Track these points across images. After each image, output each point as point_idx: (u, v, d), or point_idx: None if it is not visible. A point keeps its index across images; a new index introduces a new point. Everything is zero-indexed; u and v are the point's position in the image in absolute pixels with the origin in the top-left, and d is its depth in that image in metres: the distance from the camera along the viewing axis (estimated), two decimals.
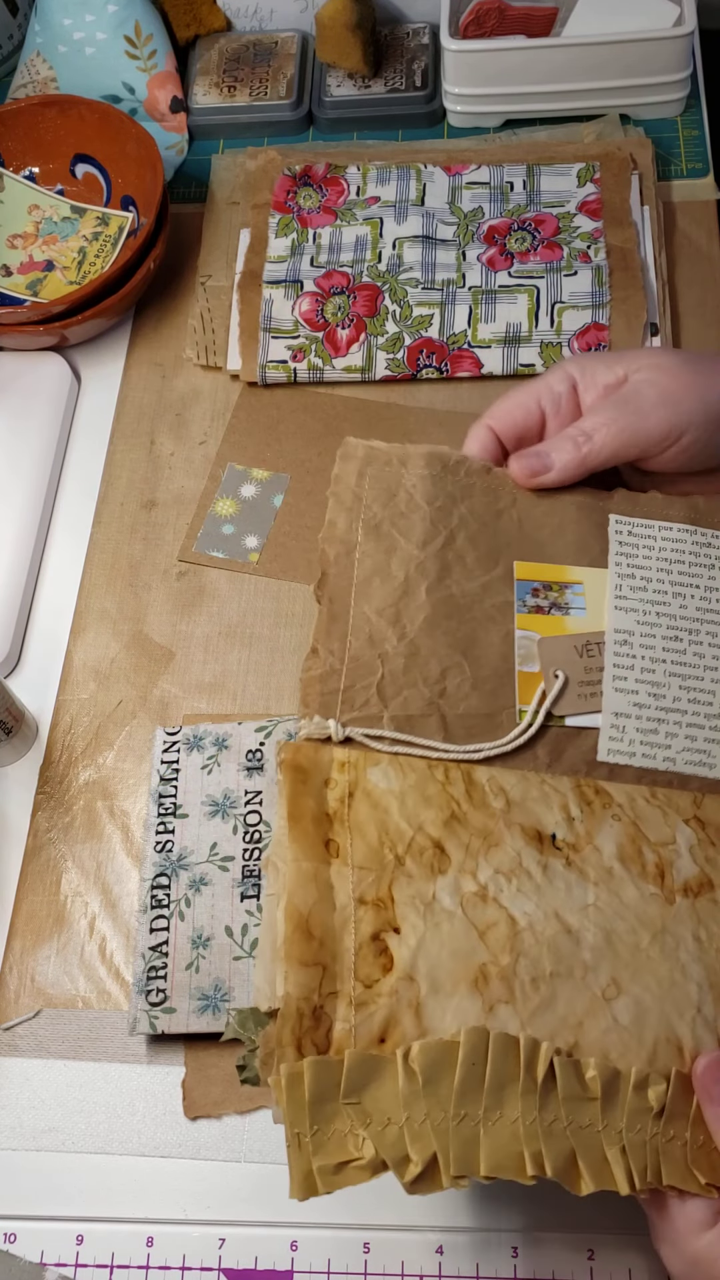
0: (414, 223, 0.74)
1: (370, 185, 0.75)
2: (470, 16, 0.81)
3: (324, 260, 0.73)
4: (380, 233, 0.74)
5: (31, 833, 0.62)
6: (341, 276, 0.72)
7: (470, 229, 0.73)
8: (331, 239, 0.74)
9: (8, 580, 0.68)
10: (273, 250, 0.75)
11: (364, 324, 0.70)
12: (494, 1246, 0.51)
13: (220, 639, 0.66)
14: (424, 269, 0.72)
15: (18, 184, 0.82)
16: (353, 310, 0.70)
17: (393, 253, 0.73)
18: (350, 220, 0.74)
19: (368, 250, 0.73)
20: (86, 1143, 0.54)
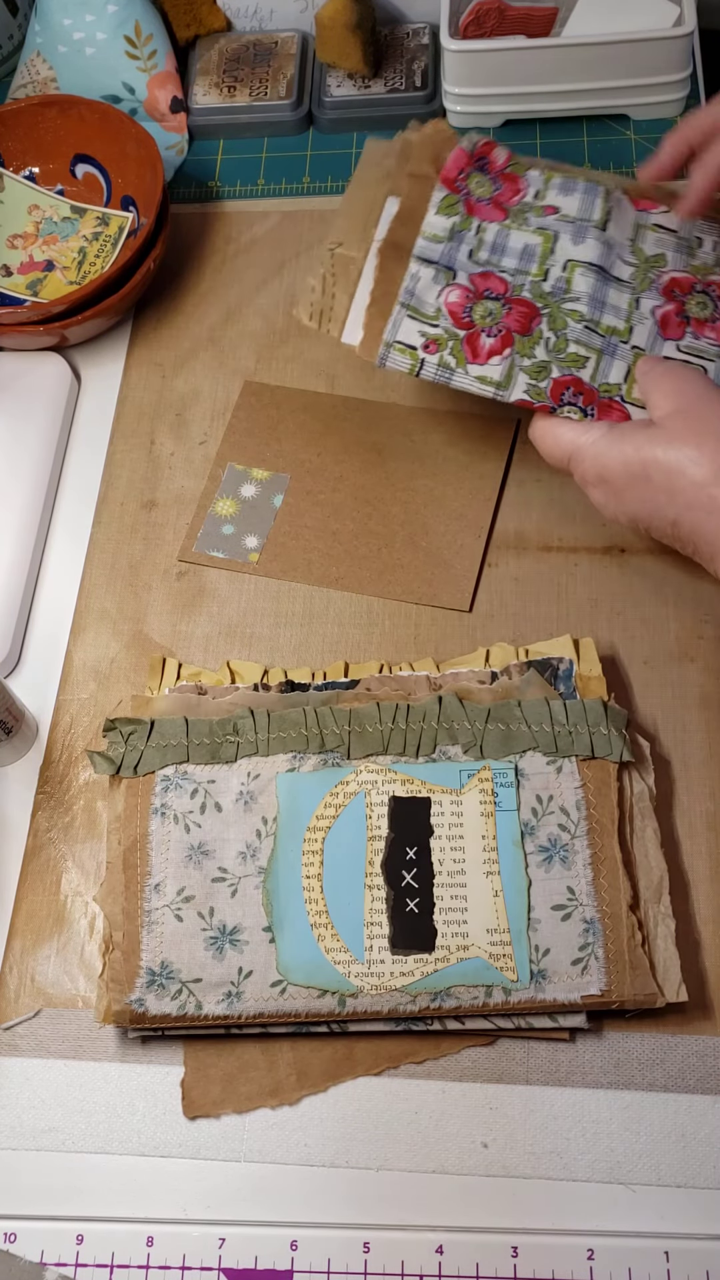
0: (592, 248, 0.62)
1: (551, 192, 0.64)
2: (470, 16, 0.81)
3: (484, 259, 0.63)
4: (552, 248, 0.63)
5: (31, 833, 0.62)
6: (499, 283, 0.62)
7: (649, 276, 0.63)
8: (497, 238, 0.63)
9: (8, 580, 0.68)
10: (430, 226, 0.64)
11: (512, 339, 0.61)
12: (494, 1246, 0.51)
13: (220, 639, 0.66)
14: (592, 304, 0.61)
15: (18, 184, 0.82)
16: (504, 321, 0.61)
17: (561, 274, 0.62)
18: (522, 224, 0.64)
19: (534, 263, 0.63)
20: (86, 1143, 0.54)
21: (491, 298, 0.62)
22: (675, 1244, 0.51)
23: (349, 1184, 0.53)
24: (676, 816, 0.59)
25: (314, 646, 0.66)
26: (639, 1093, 0.53)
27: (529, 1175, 0.52)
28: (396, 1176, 0.53)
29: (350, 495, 0.70)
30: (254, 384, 0.75)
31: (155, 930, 0.55)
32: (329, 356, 0.75)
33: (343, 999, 0.53)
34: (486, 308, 0.61)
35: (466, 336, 0.61)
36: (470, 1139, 0.53)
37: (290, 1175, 0.53)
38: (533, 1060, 0.54)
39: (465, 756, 0.58)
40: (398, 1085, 0.54)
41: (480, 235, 0.63)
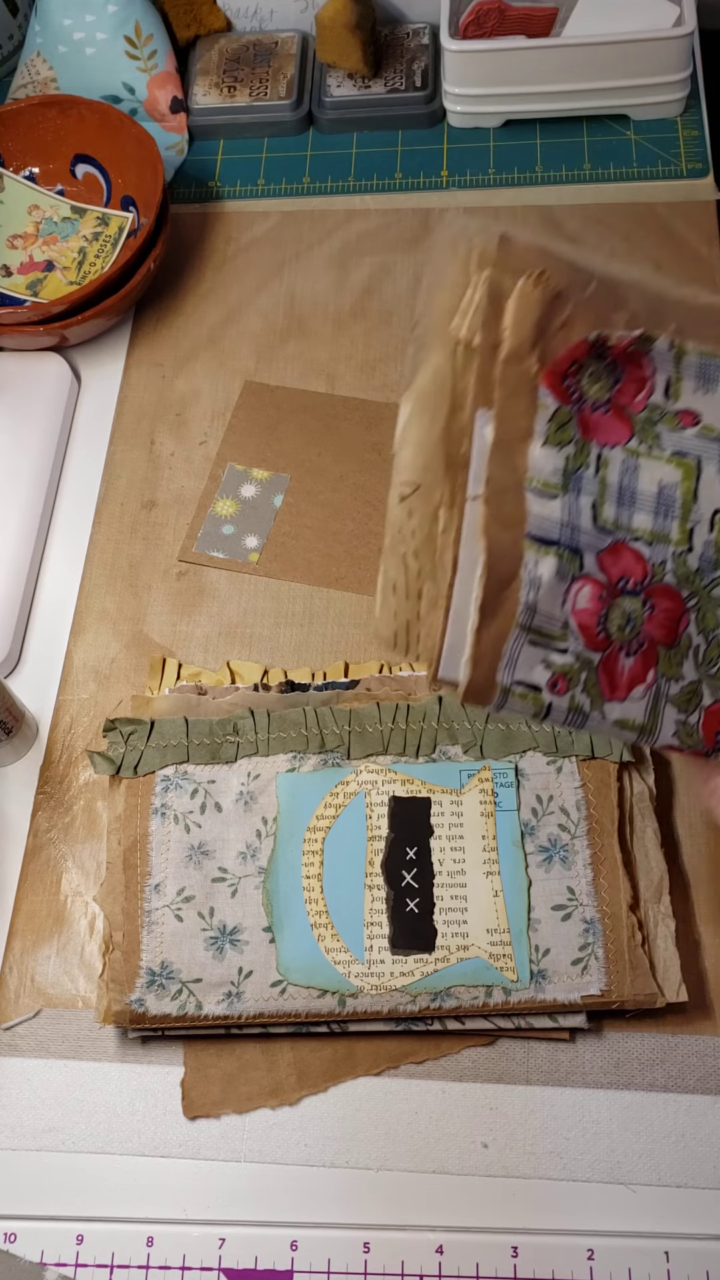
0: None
1: (687, 382, 0.44)
2: (470, 17, 0.81)
3: (611, 518, 0.44)
4: (695, 490, 0.44)
5: (31, 833, 0.62)
6: (635, 562, 0.44)
7: None
8: (624, 477, 0.44)
9: (8, 580, 0.68)
10: (538, 470, 0.43)
11: (655, 656, 0.44)
12: (494, 1246, 0.51)
13: (220, 639, 0.66)
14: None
15: (18, 184, 0.82)
16: (645, 631, 0.44)
17: (709, 536, 0.44)
18: (653, 446, 0.44)
19: (674, 519, 0.44)
20: (86, 1143, 0.54)
21: (629, 592, 0.44)
22: (675, 1244, 0.51)
23: (349, 1184, 0.53)
24: (676, 816, 0.59)
25: (314, 646, 0.66)
26: (639, 1093, 0.53)
27: (529, 1175, 0.52)
28: (396, 1176, 0.53)
29: (350, 495, 0.70)
30: (254, 384, 0.75)
31: (155, 930, 0.55)
32: (329, 356, 0.75)
33: (343, 999, 0.53)
34: (624, 610, 0.44)
35: (602, 661, 0.44)
36: (470, 1139, 0.53)
37: (290, 1175, 0.53)
38: (533, 1060, 0.54)
39: (465, 756, 0.58)
40: (398, 1085, 0.54)
41: (602, 475, 0.44)
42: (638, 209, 0.79)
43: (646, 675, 0.44)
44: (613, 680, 0.44)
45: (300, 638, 0.66)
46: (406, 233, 0.80)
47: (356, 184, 0.83)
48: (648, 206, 0.79)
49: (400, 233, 0.80)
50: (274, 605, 0.67)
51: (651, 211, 0.78)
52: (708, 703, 0.45)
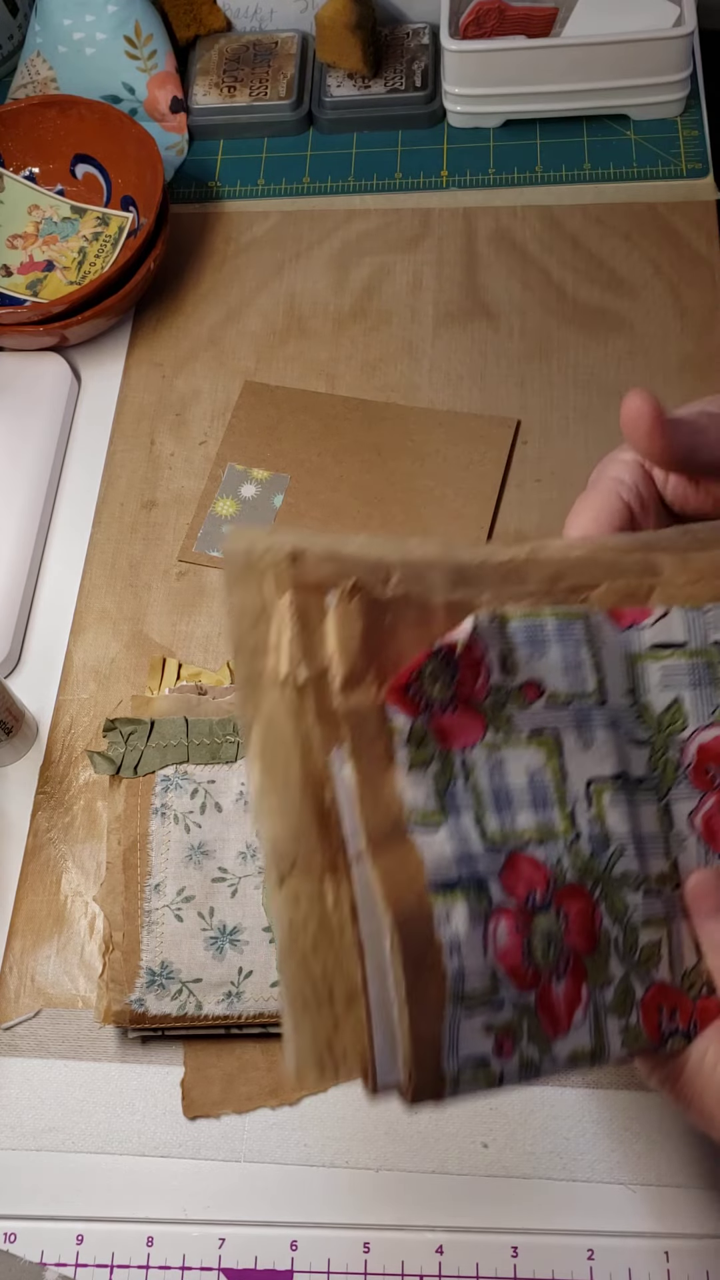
0: (605, 743, 0.42)
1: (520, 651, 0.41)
2: (470, 17, 0.81)
3: (495, 829, 0.40)
4: (562, 768, 0.42)
5: (31, 833, 0.62)
6: (534, 870, 0.41)
7: (670, 753, 0.43)
8: (492, 776, 0.41)
9: (8, 580, 0.68)
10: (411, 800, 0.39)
11: (583, 968, 0.41)
12: (494, 1246, 0.51)
13: (220, 639, 0.66)
14: (638, 851, 0.42)
15: (18, 184, 0.82)
16: (567, 944, 0.40)
17: (590, 813, 0.42)
18: (509, 734, 0.41)
19: (553, 807, 0.41)
20: (86, 1143, 0.54)
21: (539, 907, 0.40)
22: (675, 1244, 0.51)
23: (349, 1184, 0.53)
24: None
25: None
26: (639, 1093, 0.53)
27: (529, 1175, 0.52)
28: (396, 1176, 0.53)
29: (350, 495, 0.70)
30: (254, 384, 0.75)
31: (155, 930, 0.55)
32: (329, 356, 0.75)
33: None
34: (543, 932, 0.40)
35: (538, 998, 0.39)
36: (470, 1139, 0.53)
37: (290, 1175, 0.53)
38: None
39: None
40: None
41: (473, 783, 0.40)
42: (638, 209, 0.79)
43: (581, 993, 0.40)
44: (553, 1015, 0.40)
45: None
46: (406, 233, 0.80)
47: (356, 184, 0.83)
48: (648, 206, 0.79)
49: (400, 233, 0.80)
50: None
51: (652, 211, 0.78)
52: (640, 995, 0.42)
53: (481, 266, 0.78)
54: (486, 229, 0.79)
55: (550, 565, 0.42)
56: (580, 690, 0.42)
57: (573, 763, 0.42)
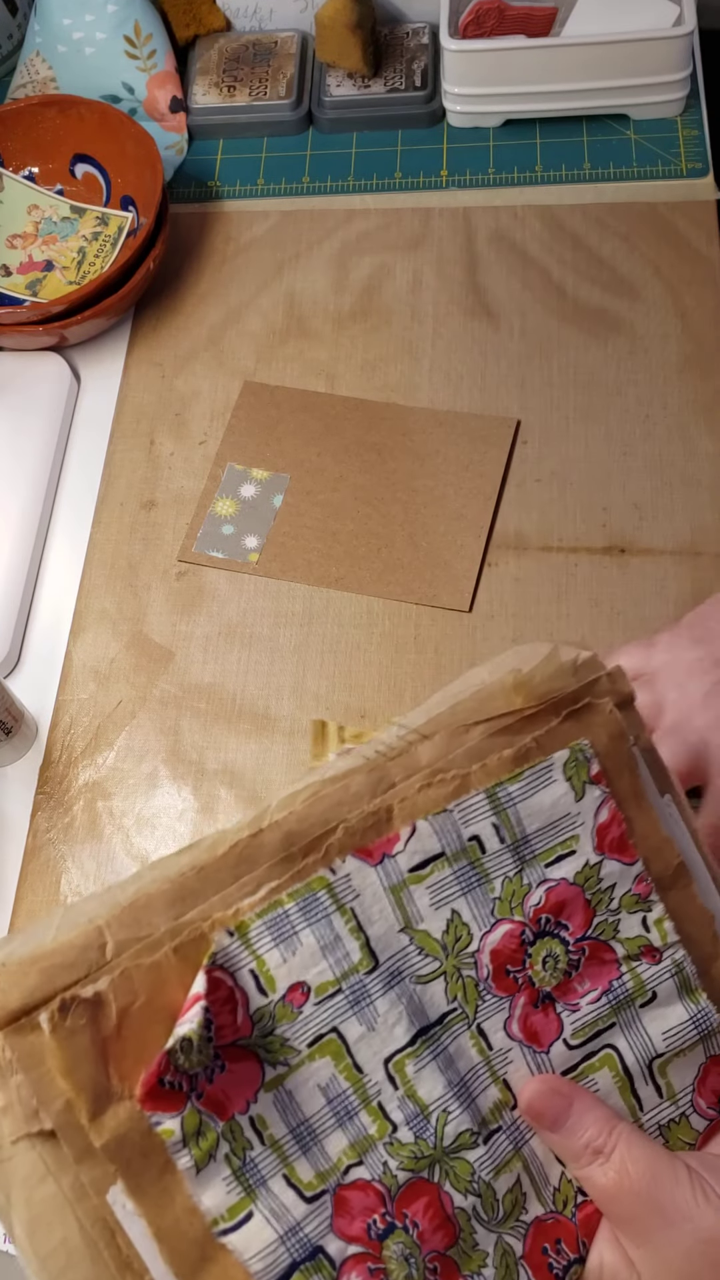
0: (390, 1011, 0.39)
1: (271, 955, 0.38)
2: (470, 16, 0.81)
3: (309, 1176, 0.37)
4: (354, 1063, 0.39)
5: (31, 833, 0.62)
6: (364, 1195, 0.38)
7: (464, 972, 0.40)
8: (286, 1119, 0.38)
9: (8, 580, 0.68)
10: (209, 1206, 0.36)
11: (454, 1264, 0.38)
12: None
13: (220, 639, 0.66)
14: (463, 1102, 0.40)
15: (17, 184, 0.82)
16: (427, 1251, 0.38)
17: (399, 1094, 0.39)
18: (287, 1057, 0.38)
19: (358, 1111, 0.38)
20: None
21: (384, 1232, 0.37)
22: None
23: None
24: None
25: (314, 646, 0.66)
26: None
27: None
28: None
29: (350, 495, 0.70)
30: (254, 384, 0.75)
31: None
32: (329, 356, 0.75)
33: None
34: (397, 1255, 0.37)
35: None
36: None
37: None
38: None
39: None
40: None
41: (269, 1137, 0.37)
42: (638, 209, 0.79)
43: None
44: None
45: (300, 638, 0.66)
46: (406, 232, 0.80)
47: (356, 184, 0.83)
48: (648, 206, 0.79)
49: (400, 233, 0.80)
50: (273, 605, 0.67)
51: (652, 211, 0.78)
52: (521, 1251, 0.39)
53: (481, 266, 0.78)
54: (486, 229, 0.79)
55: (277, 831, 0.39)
56: (346, 967, 0.39)
57: (363, 1052, 0.39)
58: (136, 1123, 0.35)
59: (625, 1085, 0.42)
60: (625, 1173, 0.38)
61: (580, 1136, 0.39)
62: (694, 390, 0.71)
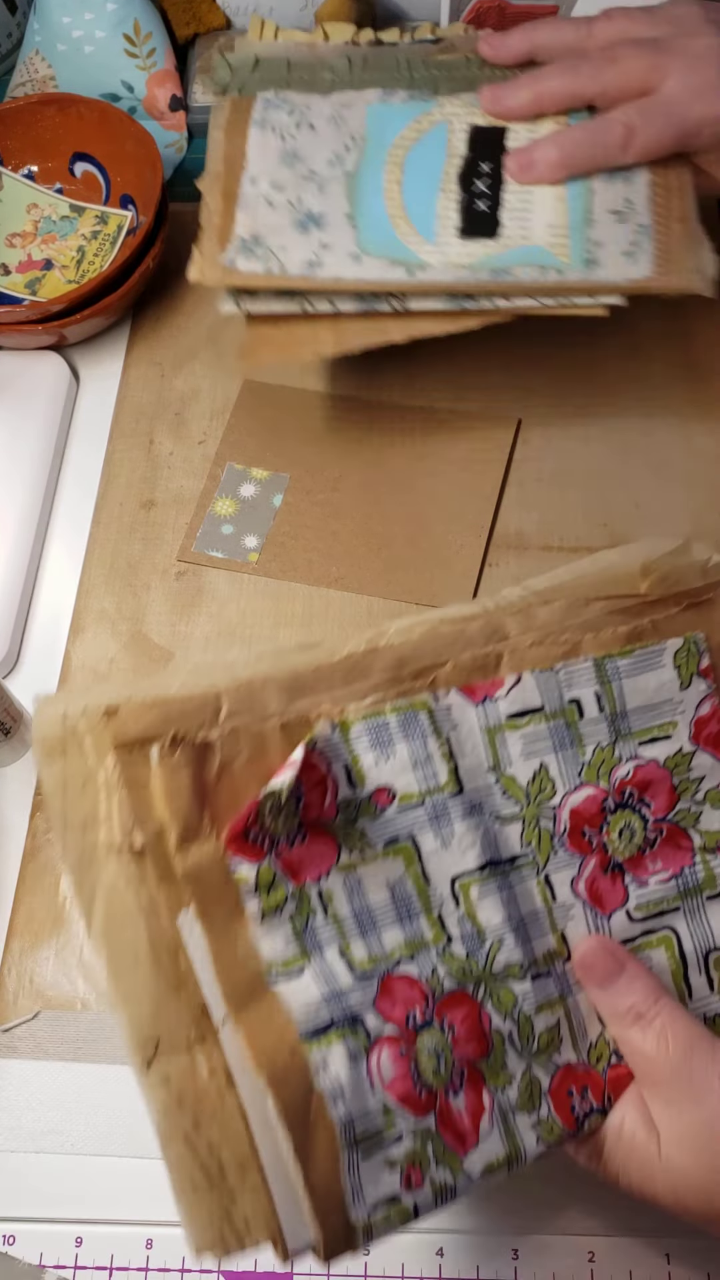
0: (465, 835, 0.41)
1: (365, 757, 0.41)
2: (470, 16, 0.81)
3: (363, 957, 0.40)
4: (423, 871, 0.41)
5: (31, 833, 0.62)
6: (409, 988, 0.40)
7: (542, 822, 0.42)
8: (352, 900, 0.40)
9: (6, 580, 0.68)
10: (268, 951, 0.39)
11: (480, 1074, 0.40)
12: (494, 1248, 0.51)
13: (220, 639, 0.66)
14: (518, 937, 0.42)
15: (16, 182, 0.82)
16: (457, 1056, 0.40)
17: (459, 912, 0.41)
18: (364, 850, 0.40)
19: (419, 916, 0.41)
20: (86, 1144, 0.54)
21: (421, 1024, 0.40)
22: (676, 1245, 0.51)
23: None
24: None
25: None
26: None
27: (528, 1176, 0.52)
28: None
29: (350, 495, 0.70)
30: (254, 383, 0.75)
31: (249, 209, 0.61)
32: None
33: (411, 269, 0.59)
34: (430, 1049, 0.39)
35: (438, 1119, 0.39)
36: None
37: None
38: None
39: None
40: None
41: (333, 912, 0.40)
42: None
43: (483, 1101, 0.40)
44: (458, 1131, 0.39)
45: (300, 638, 0.66)
46: None
47: None
48: None
49: None
50: (273, 605, 0.67)
51: None
52: (547, 1085, 0.41)
53: None
54: None
55: (391, 653, 0.41)
56: (432, 785, 0.41)
57: (434, 864, 0.41)
58: (217, 862, 0.38)
59: (679, 970, 0.43)
60: (664, 1039, 0.40)
61: (626, 999, 0.41)
62: (694, 390, 0.71)
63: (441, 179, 0.62)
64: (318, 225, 0.61)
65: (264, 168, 0.63)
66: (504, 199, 0.61)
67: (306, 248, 0.61)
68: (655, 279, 0.58)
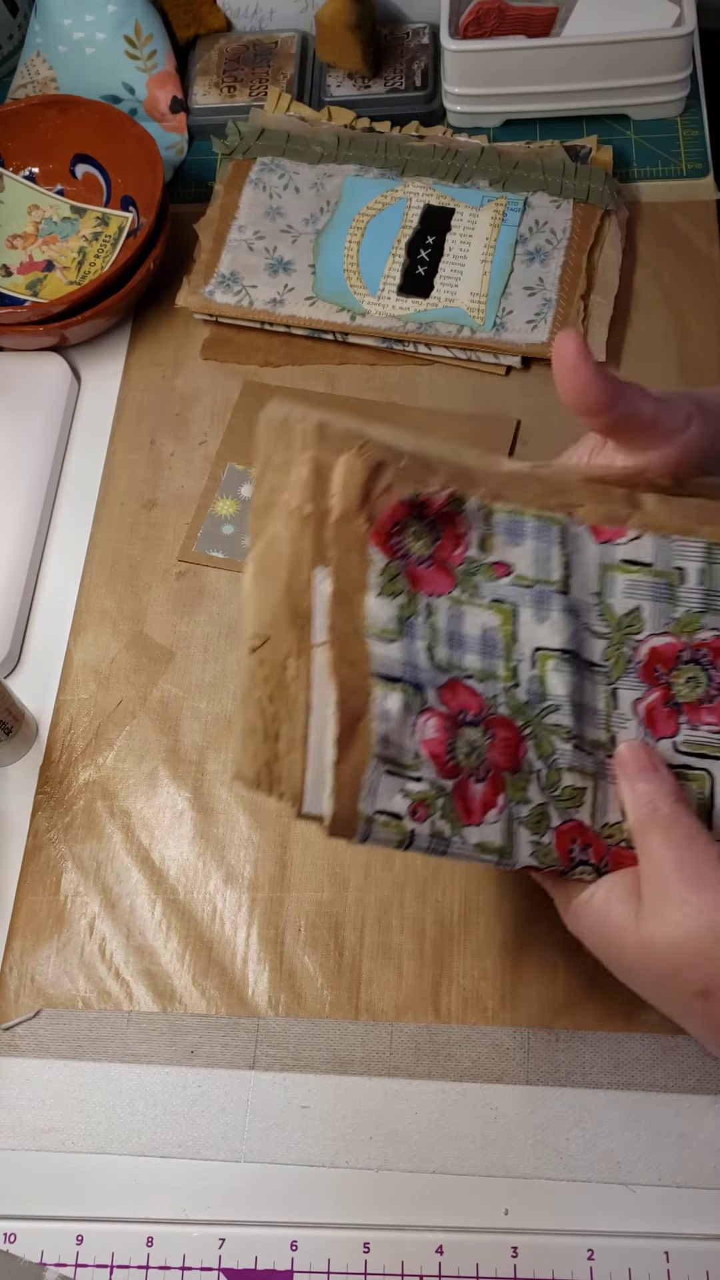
0: (558, 625, 0.48)
1: (499, 537, 0.49)
2: (470, 16, 0.81)
3: (444, 659, 0.47)
4: (515, 633, 0.48)
5: (31, 833, 0.62)
6: (470, 696, 0.47)
7: (624, 650, 0.48)
8: (450, 623, 0.48)
9: (8, 580, 0.68)
10: (375, 619, 0.46)
11: (502, 781, 0.47)
12: (494, 1246, 0.51)
13: (220, 639, 0.66)
14: (574, 712, 0.47)
15: (18, 184, 0.82)
16: (489, 758, 0.46)
17: (533, 672, 0.48)
18: (474, 596, 0.48)
19: (499, 659, 0.48)
20: (86, 1143, 0.54)
21: (469, 722, 0.47)
22: (675, 1244, 0.51)
23: (349, 1184, 0.53)
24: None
25: None
26: (639, 1093, 0.53)
27: (529, 1175, 0.52)
28: (396, 1176, 0.53)
29: None
30: (254, 384, 0.75)
31: (232, 254, 0.76)
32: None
33: (354, 315, 0.74)
34: (468, 740, 0.47)
35: (455, 787, 0.46)
36: (470, 1139, 0.53)
37: (290, 1175, 0.53)
38: (533, 1060, 0.54)
39: (491, 188, 0.77)
40: (398, 1085, 0.54)
41: (432, 622, 0.48)
42: (637, 209, 0.79)
43: (497, 800, 0.46)
44: (467, 805, 0.46)
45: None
46: None
47: None
48: (649, 206, 0.79)
49: None
50: None
51: (652, 211, 0.78)
52: (556, 823, 0.47)
53: None
54: None
55: (546, 482, 0.49)
56: (545, 577, 0.48)
57: (525, 631, 0.48)
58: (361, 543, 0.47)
59: (706, 806, 0.47)
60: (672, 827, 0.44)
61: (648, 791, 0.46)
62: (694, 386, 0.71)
63: (393, 244, 0.76)
64: (286, 271, 0.76)
65: (251, 219, 0.78)
66: (440, 267, 0.75)
67: (273, 288, 0.75)
68: (549, 346, 0.70)
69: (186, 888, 0.59)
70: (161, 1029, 0.56)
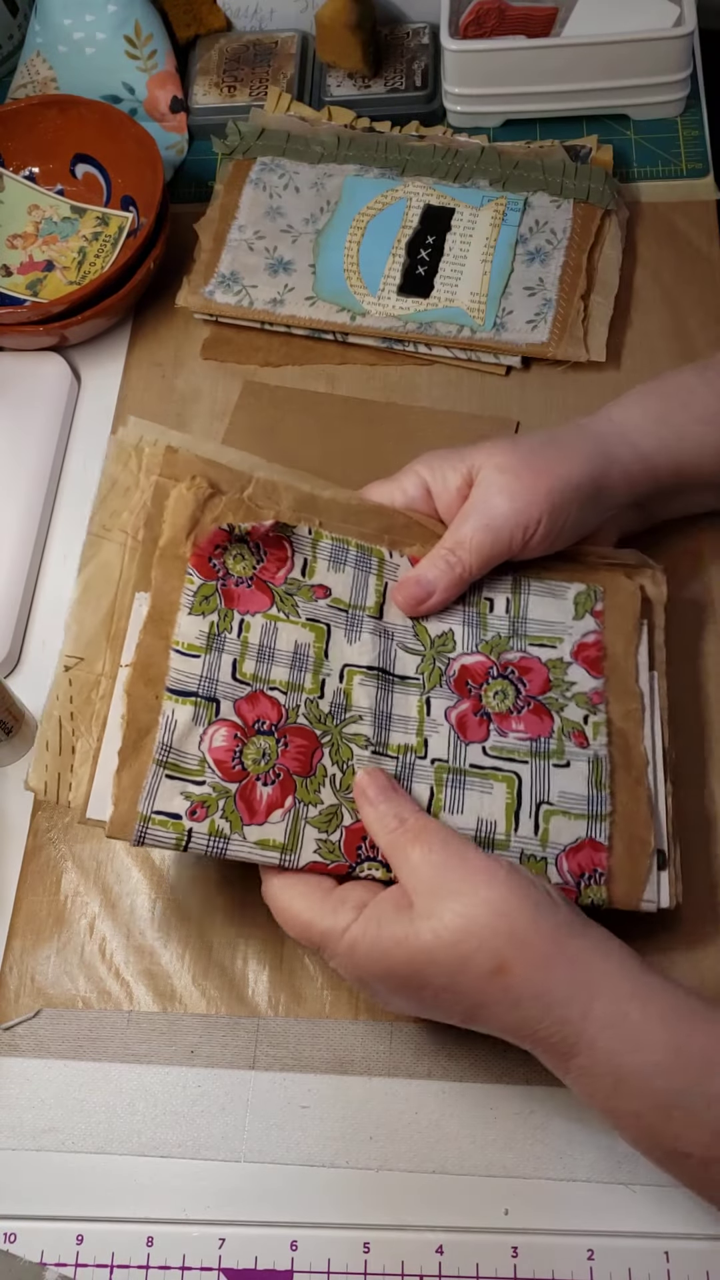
0: (368, 645, 0.54)
1: (321, 564, 0.55)
2: (470, 16, 0.81)
3: (250, 671, 0.52)
4: (326, 650, 0.53)
5: (31, 833, 0.62)
6: (271, 706, 0.52)
7: (438, 665, 0.55)
8: (264, 637, 0.53)
9: (8, 580, 0.68)
10: (183, 634, 0.52)
11: (293, 784, 0.51)
12: (494, 1246, 0.51)
13: None
14: (376, 722, 0.53)
15: (18, 184, 0.82)
16: (281, 763, 0.51)
17: (339, 685, 0.53)
18: (290, 612, 0.53)
19: (307, 671, 0.53)
20: (86, 1143, 0.54)
21: (264, 731, 0.51)
22: (675, 1244, 0.51)
23: (349, 1184, 0.53)
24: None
25: None
26: None
27: (529, 1175, 0.52)
28: (396, 1176, 0.53)
29: None
30: (254, 384, 0.75)
31: (233, 255, 0.76)
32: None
33: (354, 315, 0.73)
34: (259, 747, 0.50)
35: (239, 790, 0.50)
36: (470, 1139, 0.53)
37: (290, 1175, 0.53)
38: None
39: (491, 188, 0.77)
40: (398, 1085, 0.54)
41: (245, 636, 0.52)
42: (638, 209, 0.79)
43: (285, 801, 0.50)
44: (251, 807, 0.50)
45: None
46: None
47: None
48: (649, 206, 0.79)
49: None
50: None
51: (652, 211, 0.78)
52: (349, 822, 0.51)
53: None
54: None
55: (384, 518, 0.56)
56: (359, 603, 0.55)
57: (335, 649, 0.54)
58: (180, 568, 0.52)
59: (513, 805, 0.53)
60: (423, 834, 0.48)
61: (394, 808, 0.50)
62: None
63: (393, 244, 0.75)
64: (286, 270, 0.75)
65: (251, 218, 0.78)
66: (440, 267, 0.74)
67: (273, 288, 0.75)
68: (549, 346, 0.71)
69: (186, 888, 0.59)
70: (161, 1029, 0.56)
